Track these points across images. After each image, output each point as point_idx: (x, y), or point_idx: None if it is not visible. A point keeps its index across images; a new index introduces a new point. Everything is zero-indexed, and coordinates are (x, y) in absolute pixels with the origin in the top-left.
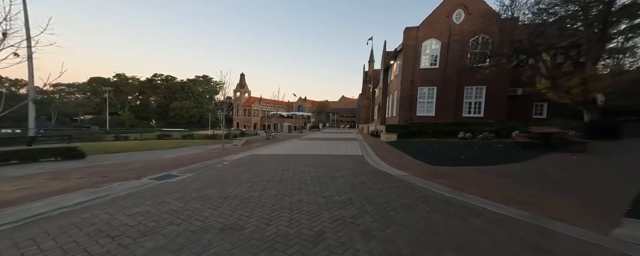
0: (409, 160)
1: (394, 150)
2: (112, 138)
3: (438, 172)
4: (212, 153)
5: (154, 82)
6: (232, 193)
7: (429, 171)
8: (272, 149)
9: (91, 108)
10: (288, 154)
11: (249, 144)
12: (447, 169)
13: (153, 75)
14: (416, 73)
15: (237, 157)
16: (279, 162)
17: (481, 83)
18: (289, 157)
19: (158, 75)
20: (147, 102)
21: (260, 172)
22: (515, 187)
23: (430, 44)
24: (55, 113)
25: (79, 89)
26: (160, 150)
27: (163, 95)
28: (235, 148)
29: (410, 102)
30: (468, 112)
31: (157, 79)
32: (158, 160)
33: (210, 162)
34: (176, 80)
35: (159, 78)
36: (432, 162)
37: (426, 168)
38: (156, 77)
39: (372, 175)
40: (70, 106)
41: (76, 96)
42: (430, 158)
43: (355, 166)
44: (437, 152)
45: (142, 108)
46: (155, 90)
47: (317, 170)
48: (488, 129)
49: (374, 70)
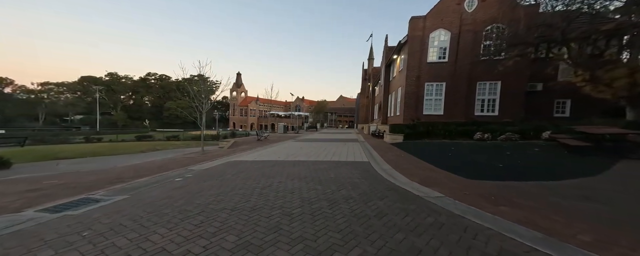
0: (430, 169)
1: (405, 155)
2: (82, 140)
3: (484, 190)
4: (184, 159)
5: (148, 81)
6: (155, 245)
7: (469, 188)
8: (260, 153)
9: (82, 108)
10: (277, 160)
11: (236, 146)
12: (494, 185)
13: (147, 74)
14: (423, 67)
15: (211, 164)
16: (261, 173)
17: (496, 78)
18: (276, 165)
19: (152, 74)
20: (141, 102)
21: (228, 192)
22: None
23: (439, 35)
24: (43, 114)
25: (69, 88)
26: (127, 154)
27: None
28: (218, 152)
29: (416, 99)
30: (480, 110)
31: (150, 78)
32: (107, 169)
33: (170, 174)
34: (171, 80)
35: (152, 78)
36: (463, 172)
37: (461, 183)
38: (150, 76)
39: (391, 196)
40: (59, 106)
41: (66, 96)
42: (456, 166)
43: (364, 180)
44: (460, 157)
45: (136, 108)
46: (149, 89)
47: (310, 187)
48: (510, 129)
49: (373, 68)
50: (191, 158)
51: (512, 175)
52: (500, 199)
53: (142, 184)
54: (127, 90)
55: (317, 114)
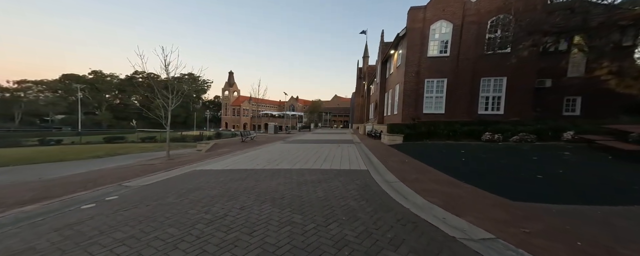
0: (447, 181)
1: (409, 160)
2: (36, 142)
3: (551, 224)
4: (135, 169)
5: (135, 80)
6: None
7: (525, 220)
8: (236, 159)
9: (63, 107)
10: (253, 169)
11: (215, 149)
12: (559, 213)
13: (134, 73)
14: (423, 62)
15: (162, 177)
16: (223, 190)
17: (501, 74)
18: (249, 177)
19: (139, 72)
20: (128, 101)
21: (145, 235)
22: None
23: (440, 27)
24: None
25: (48, 87)
26: (76, 160)
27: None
28: (188, 157)
29: (416, 97)
30: (485, 108)
31: (138, 77)
32: (16, 184)
33: (86, 195)
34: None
35: (140, 76)
36: (492, 185)
37: (504, 207)
38: (137, 74)
39: (409, 238)
40: (38, 105)
41: (46, 94)
42: (477, 176)
43: (363, 202)
44: (476, 163)
45: (122, 108)
46: (137, 88)
47: (284, 218)
48: (524, 129)
49: (368, 66)
50: (146, 167)
51: (567, 193)
52: (597, 250)
53: (20, 218)
54: (112, 89)
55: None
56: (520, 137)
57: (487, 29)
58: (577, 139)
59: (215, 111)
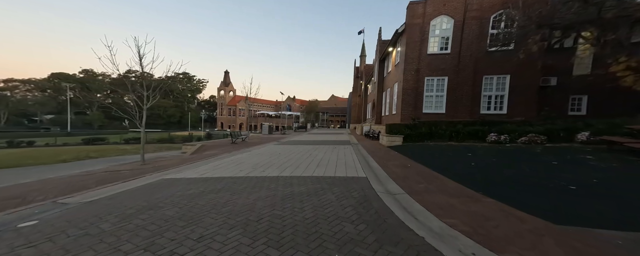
0: (462, 193)
1: (412, 164)
2: (4, 144)
3: None
4: (96, 177)
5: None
6: None
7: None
8: (218, 164)
9: (52, 107)
10: (232, 177)
11: (200, 152)
12: (615, 242)
13: (126, 72)
14: (422, 60)
15: (119, 188)
16: (185, 209)
17: (504, 72)
18: (224, 189)
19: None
20: (121, 101)
21: None
22: None
23: (441, 23)
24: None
25: (37, 86)
26: (31, 166)
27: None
28: (168, 161)
29: (416, 96)
30: (487, 107)
31: (131, 76)
32: None
33: (4, 218)
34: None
35: (133, 75)
36: (519, 201)
37: (549, 234)
38: (130, 73)
39: None
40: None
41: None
42: (496, 185)
43: (364, 225)
44: (489, 168)
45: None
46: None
47: (257, 255)
48: (533, 130)
49: (365, 65)
50: (108, 175)
51: (620, 212)
52: None
53: None
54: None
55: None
56: (529, 138)
57: (490, 25)
58: (595, 140)
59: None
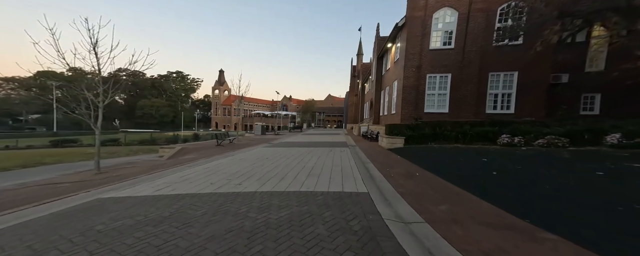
0: (507, 223)
1: (421, 172)
2: None
3: None
4: (26, 191)
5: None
6: None
7: None
8: (185, 174)
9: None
10: (197, 195)
11: (179, 155)
12: None
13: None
14: (424, 55)
15: (34, 213)
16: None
17: (512, 69)
18: (174, 216)
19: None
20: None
21: None
22: None
23: (444, 16)
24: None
25: (22, 85)
26: None
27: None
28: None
29: (417, 94)
30: (493, 107)
31: (121, 74)
32: None
33: None
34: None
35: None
36: (602, 241)
37: None
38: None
39: None
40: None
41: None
42: (549, 209)
43: None
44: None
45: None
46: (120, 86)
47: None
48: (551, 131)
49: (363, 64)
50: (46, 189)
51: None
52: None
53: None
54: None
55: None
56: (547, 140)
57: (497, 18)
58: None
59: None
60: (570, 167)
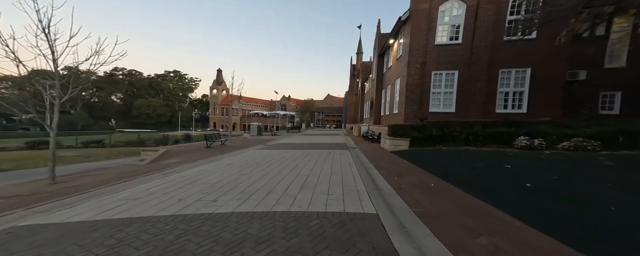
0: None
1: (438, 183)
2: None
3: None
4: None
5: (115, 77)
6: None
7: None
8: (157, 184)
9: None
10: (152, 219)
11: (163, 159)
12: None
13: (113, 69)
14: (429, 51)
15: None
16: None
17: (524, 65)
18: (114, 253)
19: (119, 69)
20: (107, 100)
21: None
22: None
23: (451, 9)
24: None
25: (15, 84)
26: None
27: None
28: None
29: (421, 93)
30: (503, 105)
31: (118, 74)
32: None
33: None
34: (142, 76)
35: (120, 73)
36: None
37: None
38: (117, 71)
39: None
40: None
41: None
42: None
43: None
44: (571, 199)
45: (100, 107)
46: (117, 86)
47: None
48: (577, 133)
49: (362, 62)
50: None
51: None
52: None
53: None
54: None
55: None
56: (574, 143)
57: (508, 10)
58: None
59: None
60: (620, 178)
